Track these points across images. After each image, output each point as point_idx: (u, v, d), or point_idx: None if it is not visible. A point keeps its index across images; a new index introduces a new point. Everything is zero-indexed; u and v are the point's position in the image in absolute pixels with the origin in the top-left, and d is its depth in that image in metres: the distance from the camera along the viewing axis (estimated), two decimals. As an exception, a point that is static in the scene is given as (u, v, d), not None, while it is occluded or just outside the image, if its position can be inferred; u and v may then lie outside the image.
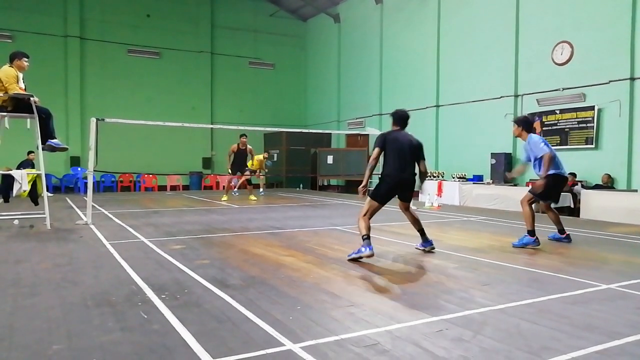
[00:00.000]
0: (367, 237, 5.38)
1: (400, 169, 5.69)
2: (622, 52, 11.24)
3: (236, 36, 22.06)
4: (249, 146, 13.70)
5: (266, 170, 17.41)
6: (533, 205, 6.64)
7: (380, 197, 5.66)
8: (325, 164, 19.75)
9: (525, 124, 6.67)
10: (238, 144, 13.51)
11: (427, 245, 6.02)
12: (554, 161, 6.45)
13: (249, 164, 15.59)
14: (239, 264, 5.16)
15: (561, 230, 6.82)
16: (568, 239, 6.79)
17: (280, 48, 23.11)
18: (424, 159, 5.99)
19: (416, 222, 6.00)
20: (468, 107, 15.22)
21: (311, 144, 21.14)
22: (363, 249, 5.29)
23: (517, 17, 13.66)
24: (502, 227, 8.55)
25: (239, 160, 13.68)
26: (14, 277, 4.48)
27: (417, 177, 5.93)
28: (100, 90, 19.44)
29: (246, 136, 13.56)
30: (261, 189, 17.37)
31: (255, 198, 14.03)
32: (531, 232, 6.37)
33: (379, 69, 18.92)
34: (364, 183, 5.61)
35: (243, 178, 14.44)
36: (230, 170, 13.87)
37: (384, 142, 5.76)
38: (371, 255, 5.27)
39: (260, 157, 16.55)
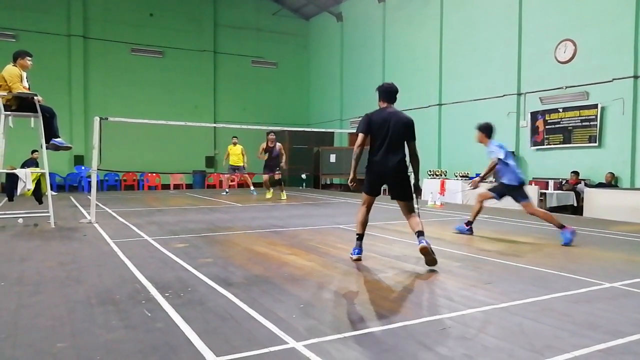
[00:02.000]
0: (357, 238, 5.27)
1: (381, 154, 5.05)
2: (625, 50, 11.20)
3: (239, 35, 22.07)
4: (278, 144, 13.31)
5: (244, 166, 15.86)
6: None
7: (366, 187, 5.26)
8: (327, 163, 19.76)
9: (486, 130, 7.01)
10: (267, 142, 13.27)
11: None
12: (509, 168, 6.79)
13: (234, 161, 15.37)
14: (242, 262, 5.17)
15: (468, 222, 7.30)
16: (470, 231, 7.24)
17: (283, 47, 23.12)
18: (414, 140, 5.12)
19: (417, 225, 5.04)
20: (471, 105, 15.19)
21: (314, 142, 21.14)
22: (351, 252, 5.29)
23: (520, 15, 13.63)
24: (504, 225, 8.53)
25: (270, 159, 13.29)
26: (19, 275, 4.51)
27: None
28: (103, 89, 19.48)
29: (274, 133, 13.39)
30: (252, 187, 16.39)
31: (284, 198, 13.47)
32: (560, 226, 6.52)
33: (382, 68, 18.90)
34: (351, 176, 5.21)
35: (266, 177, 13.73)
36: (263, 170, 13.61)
37: (368, 124, 5.10)
38: (356, 260, 5.18)
39: (238, 149, 15.44)
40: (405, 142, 5.11)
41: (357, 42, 20.54)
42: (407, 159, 5.16)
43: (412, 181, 5.15)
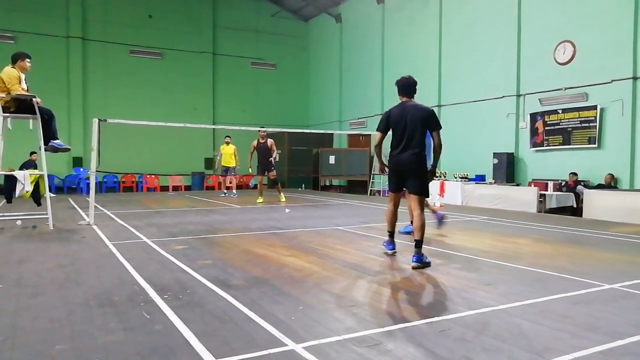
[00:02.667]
0: (389, 235, 5.62)
1: (397, 147, 5.21)
2: (624, 51, 11.21)
3: (238, 36, 22.09)
4: (269, 140, 12.88)
5: (236, 167, 15.62)
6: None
7: (388, 184, 5.63)
8: (327, 164, 19.75)
9: None
10: (257, 139, 12.90)
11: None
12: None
13: (225, 161, 15.22)
14: (241, 264, 5.16)
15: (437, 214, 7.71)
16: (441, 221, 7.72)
17: (282, 48, 23.13)
18: (436, 129, 5.10)
19: (416, 230, 5.07)
20: (470, 106, 15.20)
21: (313, 144, 21.13)
22: (383, 246, 5.71)
23: (519, 16, 13.64)
24: (504, 227, 8.53)
25: (262, 157, 12.86)
26: (17, 277, 4.50)
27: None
28: (102, 91, 19.48)
29: (265, 130, 13.03)
30: (234, 190, 16.18)
31: (283, 200, 13.17)
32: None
33: (381, 69, 18.91)
34: (379, 167, 5.64)
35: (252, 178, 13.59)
36: (250, 169, 13.38)
37: (386, 121, 5.31)
38: (390, 254, 5.58)
39: (231, 149, 15.32)
40: (429, 133, 5.18)
41: (356, 44, 20.55)
42: (426, 153, 5.30)
43: (429, 167, 5.30)
